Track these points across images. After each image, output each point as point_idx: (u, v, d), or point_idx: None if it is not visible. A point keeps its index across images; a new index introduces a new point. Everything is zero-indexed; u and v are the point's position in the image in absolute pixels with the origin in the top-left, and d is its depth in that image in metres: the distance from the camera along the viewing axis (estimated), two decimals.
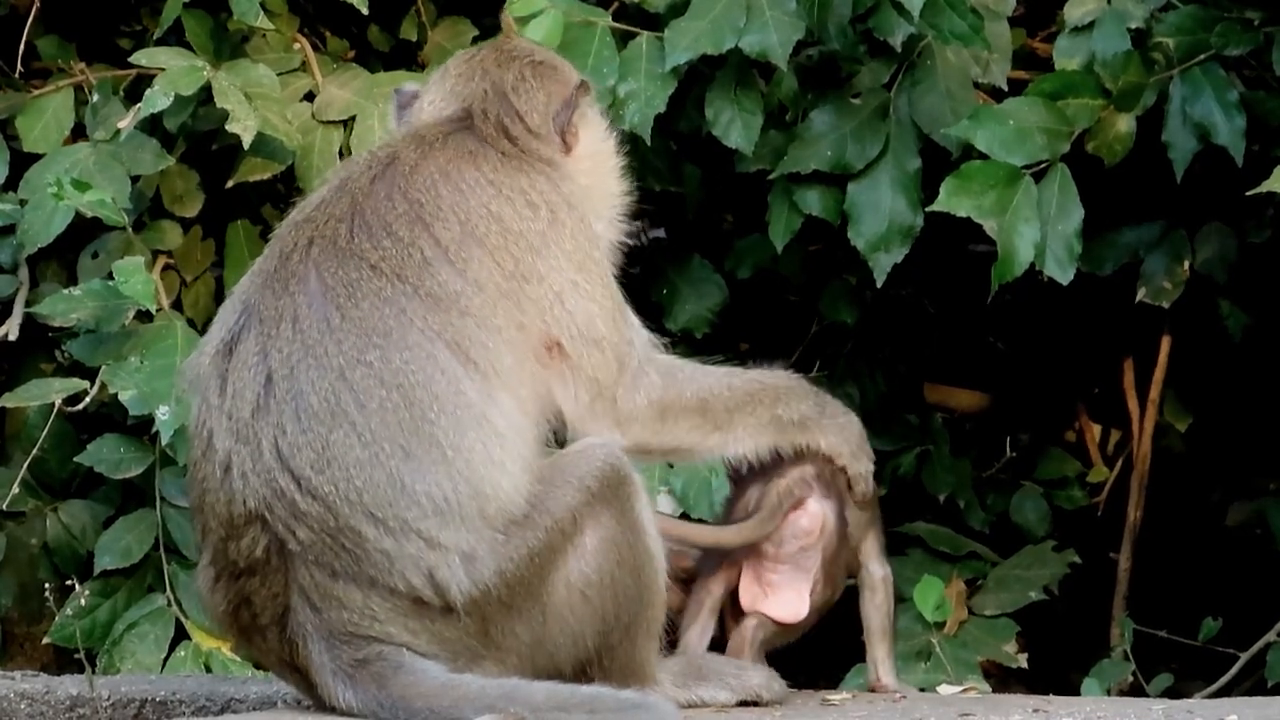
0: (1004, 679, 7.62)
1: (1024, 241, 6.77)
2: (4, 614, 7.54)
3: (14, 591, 7.47)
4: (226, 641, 6.83)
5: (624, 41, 7.02)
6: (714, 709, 5.14)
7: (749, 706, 5.17)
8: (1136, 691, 7.35)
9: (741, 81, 7.00)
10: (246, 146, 7.02)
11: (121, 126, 7.17)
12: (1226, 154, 6.85)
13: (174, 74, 7.07)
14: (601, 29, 7.01)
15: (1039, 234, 6.78)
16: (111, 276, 6.91)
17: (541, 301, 5.01)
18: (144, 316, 7.03)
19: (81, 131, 7.45)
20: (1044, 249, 6.80)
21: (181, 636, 7.13)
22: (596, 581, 4.93)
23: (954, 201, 6.77)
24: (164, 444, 6.91)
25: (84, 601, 7.22)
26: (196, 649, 7.07)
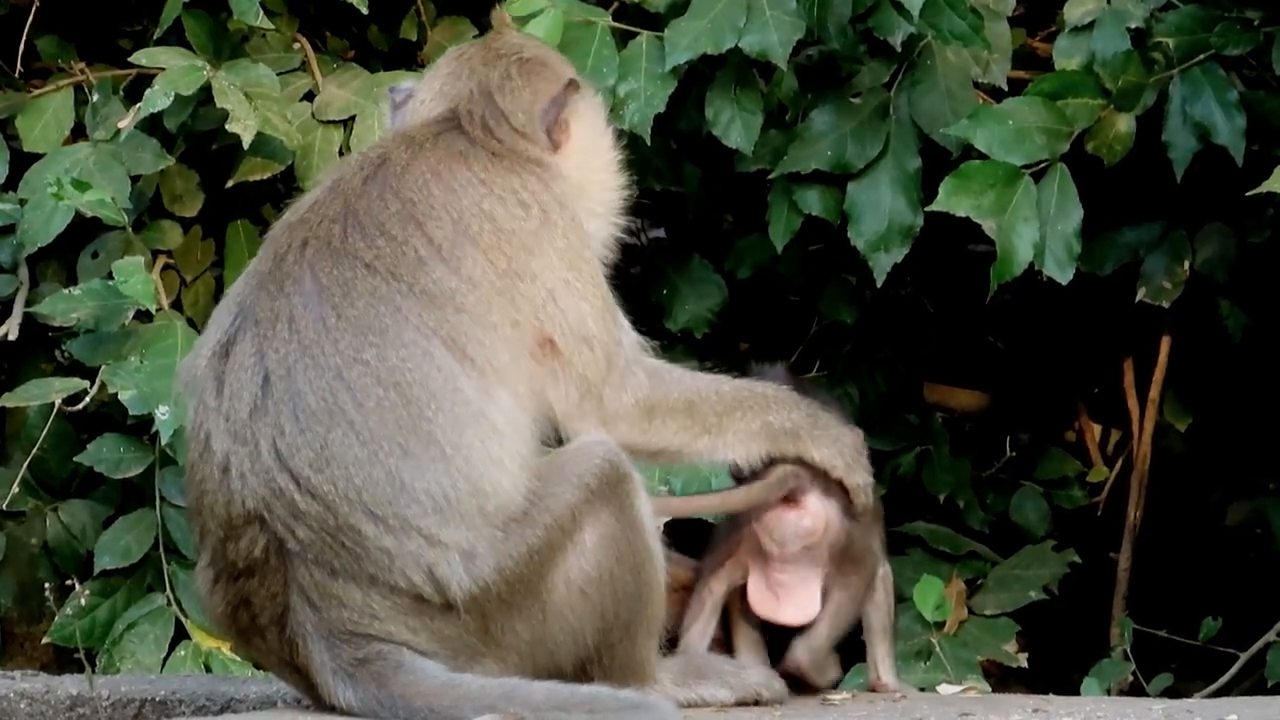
0: (1004, 679, 7.61)
1: (1023, 241, 6.77)
2: (4, 614, 7.54)
3: (14, 591, 7.47)
4: (226, 641, 6.83)
5: (624, 41, 7.02)
6: (714, 708, 5.14)
7: (749, 706, 5.16)
8: (1136, 691, 7.35)
9: (741, 81, 7.00)
10: (246, 146, 7.02)
11: (121, 126, 7.17)
12: (1226, 154, 6.85)
13: (174, 74, 7.07)
14: (601, 28, 7.01)
15: (1038, 234, 6.77)
16: (111, 276, 6.91)
17: (535, 299, 5.00)
18: (144, 316, 7.03)
19: (81, 131, 7.45)
20: (1043, 249, 6.80)
21: (181, 636, 7.13)
22: (596, 579, 4.93)
23: (953, 201, 6.77)
24: (164, 444, 6.92)
25: (84, 601, 7.22)
26: (196, 649, 7.07)
